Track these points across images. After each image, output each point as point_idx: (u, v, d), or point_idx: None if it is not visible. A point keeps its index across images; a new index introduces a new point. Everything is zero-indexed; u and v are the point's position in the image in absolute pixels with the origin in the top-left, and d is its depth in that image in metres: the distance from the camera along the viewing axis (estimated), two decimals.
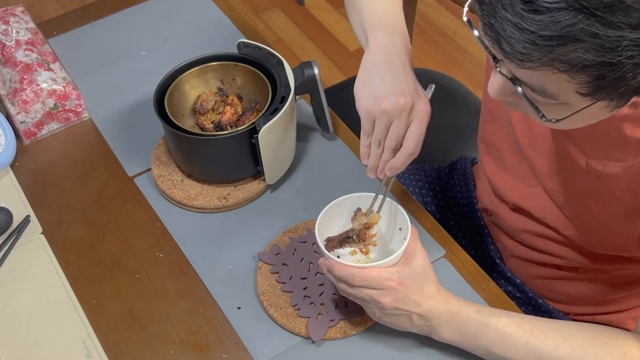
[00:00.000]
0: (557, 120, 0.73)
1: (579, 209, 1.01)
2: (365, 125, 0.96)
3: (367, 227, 0.99)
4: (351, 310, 1.03)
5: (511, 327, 0.92)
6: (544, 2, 0.60)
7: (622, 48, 0.60)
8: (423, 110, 0.94)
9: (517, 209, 1.15)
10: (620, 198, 0.91)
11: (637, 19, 0.59)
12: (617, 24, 0.59)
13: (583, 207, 0.99)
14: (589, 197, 0.97)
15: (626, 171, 0.88)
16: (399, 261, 0.93)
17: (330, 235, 0.99)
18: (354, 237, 0.99)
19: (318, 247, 0.97)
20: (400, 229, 1.00)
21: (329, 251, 0.96)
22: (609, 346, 0.89)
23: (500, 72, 0.72)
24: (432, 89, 0.99)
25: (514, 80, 0.71)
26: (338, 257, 0.98)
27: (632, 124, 0.84)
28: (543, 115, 0.73)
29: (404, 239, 0.94)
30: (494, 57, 0.71)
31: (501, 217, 1.17)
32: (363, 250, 1.03)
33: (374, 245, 1.02)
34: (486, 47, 0.70)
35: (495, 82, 0.75)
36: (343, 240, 0.99)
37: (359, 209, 1.00)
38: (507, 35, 0.63)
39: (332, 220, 1.00)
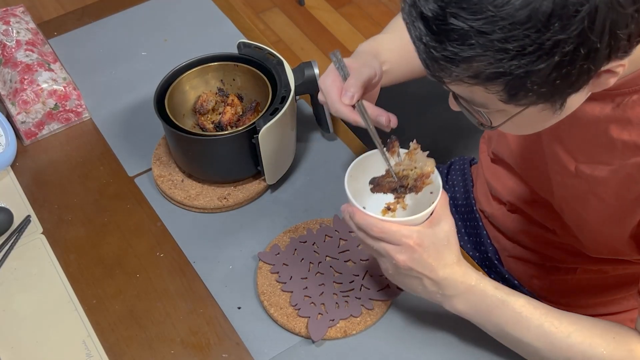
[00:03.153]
0: (493, 127, 0.78)
1: (572, 213, 1.01)
2: None
3: (426, 176, 0.93)
4: (351, 310, 1.03)
5: (527, 308, 0.90)
6: (441, 26, 0.65)
7: (506, 59, 0.64)
8: None
9: (514, 211, 1.15)
10: (608, 203, 0.92)
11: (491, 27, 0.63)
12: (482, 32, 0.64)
13: (575, 212, 1.00)
14: (579, 202, 0.97)
15: (613, 175, 0.88)
16: (424, 222, 0.90)
17: (375, 177, 0.95)
18: (408, 187, 0.93)
19: (345, 193, 0.93)
20: (431, 192, 0.96)
21: (373, 193, 0.93)
22: (618, 341, 0.89)
23: (447, 88, 0.77)
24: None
25: (454, 94, 0.77)
26: (364, 208, 0.95)
27: (618, 126, 0.84)
28: (480, 123, 0.78)
29: (433, 202, 0.90)
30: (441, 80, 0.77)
31: (499, 218, 1.17)
32: (398, 203, 0.99)
33: (404, 208, 0.99)
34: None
35: (452, 97, 0.81)
36: (395, 188, 0.94)
37: (392, 139, 0.95)
38: (422, 57, 0.70)
39: (365, 173, 0.97)
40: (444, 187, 1.36)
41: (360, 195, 0.97)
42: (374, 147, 0.95)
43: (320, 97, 1.04)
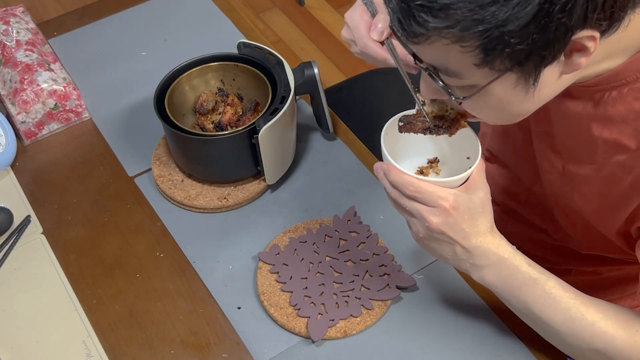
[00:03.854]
0: (465, 98, 0.76)
1: (562, 210, 1.01)
2: None
3: (464, 117, 0.88)
4: (351, 310, 1.03)
5: (557, 290, 0.88)
6: None
7: (485, 5, 0.63)
8: None
9: (508, 211, 1.15)
10: (593, 201, 0.91)
11: None
12: None
13: (565, 209, 1.00)
14: (568, 199, 0.97)
15: (597, 173, 0.88)
16: (460, 186, 0.86)
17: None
18: (443, 125, 0.89)
19: (382, 150, 0.88)
20: (468, 157, 0.92)
21: (401, 132, 0.89)
22: None
23: (418, 65, 0.77)
24: None
25: (427, 68, 0.75)
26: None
27: (600, 124, 0.84)
28: (450, 93, 0.77)
29: (470, 167, 0.87)
30: (414, 56, 0.76)
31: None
32: (424, 171, 0.96)
33: (437, 173, 0.95)
34: (406, 46, 0.74)
35: (423, 81, 0.80)
36: (427, 128, 0.89)
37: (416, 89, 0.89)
38: (396, 15, 0.69)
39: (399, 135, 0.92)
40: None
41: (394, 157, 0.91)
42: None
43: (344, 33, 0.98)
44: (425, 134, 0.90)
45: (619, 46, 0.74)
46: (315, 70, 1.17)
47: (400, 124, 0.90)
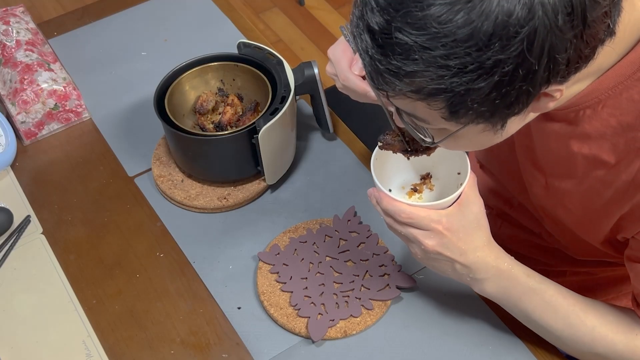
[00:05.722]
0: (435, 143, 0.78)
1: (550, 221, 1.03)
2: None
3: None
4: (351, 310, 1.03)
5: (556, 299, 0.91)
6: (387, 39, 0.66)
7: (447, 76, 0.65)
8: None
9: (502, 215, 1.16)
10: (576, 214, 0.93)
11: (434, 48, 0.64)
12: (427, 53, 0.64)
13: (552, 220, 1.01)
14: (552, 212, 0.98)
15: (578, 187, 0.89)
16: (452, 205, 0.88)
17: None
18: (420, 148, 0.91)
19: (372, 178, 0.91)
20: (459, 173, 0.94)
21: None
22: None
23: (392, 106, 0.78)
24: None
25: (399, 111, 0.77)
26: (390, 190, 0.94)
27: (578, 140, 0.85)
28: (421, 137, 0.79)
29: (461, 184, 0.88)
30: (387, 98, 0.78)
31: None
32: (417, 189, 0.98)
33: (431, 189, 0.98)
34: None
35: (397, 117, 0.81)
36: (405, 149, 0.91)
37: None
38: (368, 69, 0.70)
39: (391, 155, 0.94)
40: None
41: (387, 177, 0.94)
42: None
43: (328, 68, 1.03)
44: (404, 155, 0.93)
45: (589, 71, 0.75)
46: (315, 70, 1.17)
47: (380, 144, 0.92)
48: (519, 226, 1.14)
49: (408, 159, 0.93)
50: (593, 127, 0.82)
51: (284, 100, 1.12)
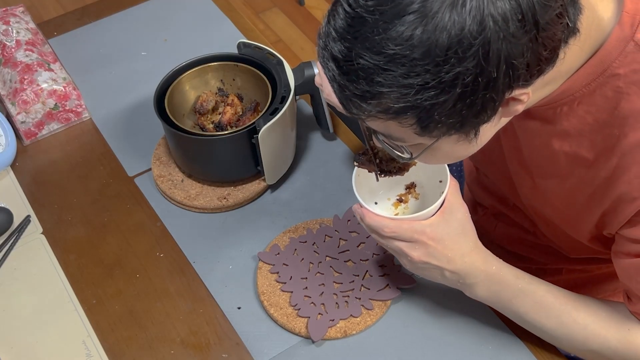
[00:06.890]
0: (413, 158, 0.80)
1: (541, 220, 1.03)
2: None
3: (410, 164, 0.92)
4: (351, 310, 1.03)
5: (547, 298, 0.92)
6: (350, 65, 0.68)
7: (411, 93, 0.66)
8: None
9: (497, 214, 1.16)
10: (562, 211, 0.94)
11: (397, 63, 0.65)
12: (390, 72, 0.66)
13: (543, 219, 1.02)
14: (541, 212, 0.99)
15: (561, 185, 0.90)
16: (436, 214, 0.89)
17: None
18: (394, 169, 0.93)
19: (355, 195, 0.93)
20: (440, 181, 0.95)
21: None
22: (633, 333, 0.90)
23: (368, 129, 0.80)
24: None
25: (375, 132, 0.79)
26: (375, 203, 0.95)
27: (558, 138, 0.86)
28: (399, 155, 0.81)
29: (442, 192, 0.89)
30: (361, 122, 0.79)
31: (484, 224, 1.18)
32: (403, 199, 0.99)
33: (416, 198, 0.98)
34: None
35: (374, 138, 0.82)
36: (382, 170, 0.93)
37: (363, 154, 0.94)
38: (338, 96, 0.72)
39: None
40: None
41: (371, 190, 0.96)
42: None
43: (317, 79, 1.06)
44: (379, 174, 0.94)
45: (560, 70, 0.76)
46: (315, 70, 1.17)
47: (356, 163, 0.94)
48: (514, 225, 1.14)
49: (377, 180, 0.95)
50: (571, 125, 0.83)
51: (284, 100, 1.12)
